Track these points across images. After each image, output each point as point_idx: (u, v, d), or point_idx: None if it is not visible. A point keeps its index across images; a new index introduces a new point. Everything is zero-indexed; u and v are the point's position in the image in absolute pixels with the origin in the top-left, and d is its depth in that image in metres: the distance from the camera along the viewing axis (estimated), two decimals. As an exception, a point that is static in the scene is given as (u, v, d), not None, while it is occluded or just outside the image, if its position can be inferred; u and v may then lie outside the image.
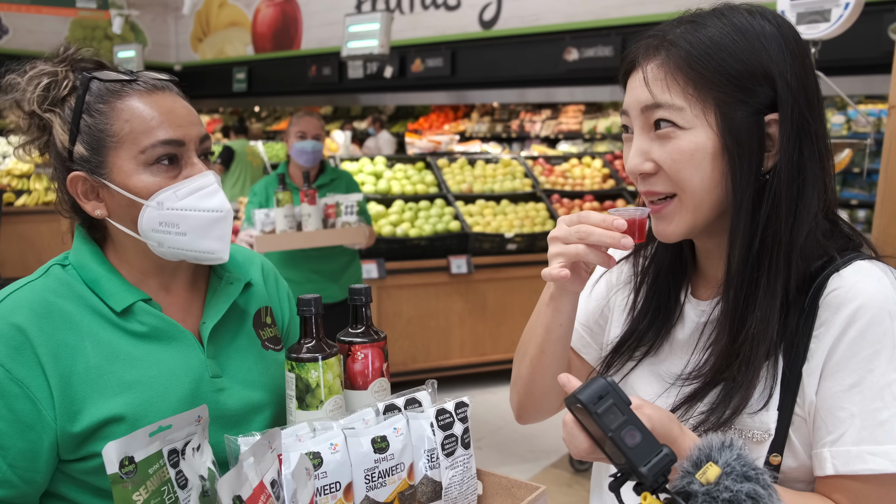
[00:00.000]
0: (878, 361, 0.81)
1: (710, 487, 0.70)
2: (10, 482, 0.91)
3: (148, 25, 11.80)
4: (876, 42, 4.78)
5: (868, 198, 5.69)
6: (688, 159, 0.86)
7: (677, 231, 0.90)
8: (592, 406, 0.73)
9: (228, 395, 1.04)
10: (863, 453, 0.80)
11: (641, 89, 0.88)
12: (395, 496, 0.96)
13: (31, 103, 0.99)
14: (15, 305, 0.94)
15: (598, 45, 7.06)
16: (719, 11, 0.88)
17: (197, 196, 0.98)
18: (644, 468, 0.71)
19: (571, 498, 3.33)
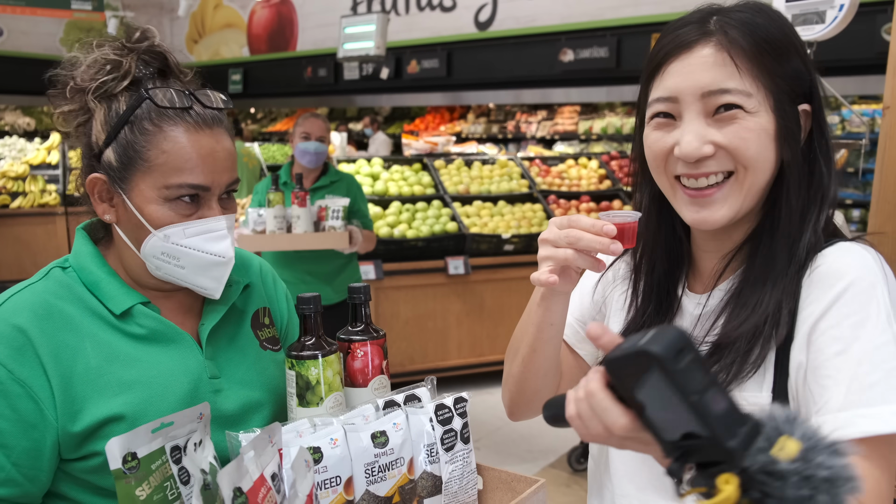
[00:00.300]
0: (864, 329, 0.82)
1: (799, 465, 0.56)
2: (15, 480, 0.92)
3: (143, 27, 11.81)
4: (869, 43, 4.81)
5: (862, 197, 5.72)
6: (755, 138, 0.87)
7: (726, 215, 0.90)
8: (671, 362, 0.56)
9: (226, 396, 1.06)
10: (852, 417, 0.80)
11: (703, 72, 0.86)
12: (396, 490, 0.97)
13: (85, 88, 0.98)
14: (16, 307, 0.96)
15: (594, 46, 7.08)
16: (754, 5, 0.91)
17: (204, 238, 0.99)
18: (733, 442, 0.56)
19: (570, 498, 3.34)
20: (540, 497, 1.04)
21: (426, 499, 1.01)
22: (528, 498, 1.02)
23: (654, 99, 0.91)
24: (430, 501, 1.01)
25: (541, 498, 1.04)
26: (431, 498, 1.01)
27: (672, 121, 0.90)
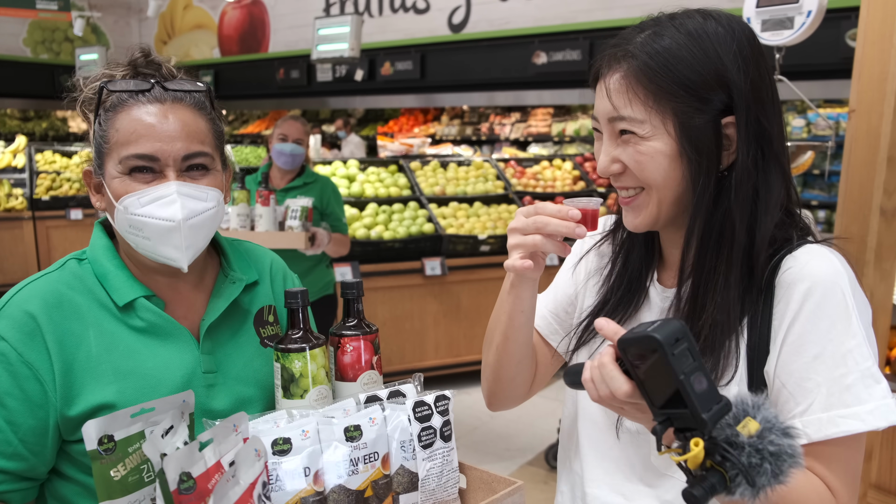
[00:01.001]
0: (836, 331, 0.87)
1: (754, 440, 0.72)
2: (22, 455, 0.99)
3: (110, 27, 11.62)
4: (834, 48, 4.95)
5: (827, 198, 5.86)
6: (648, 160, 0.92)
7: (644, 222, 0.97)
8: (670, 346, 0.71)
9: (219, 391, 1.09)
10: (834, 417, 0.86)
11: (605, 101, 0.94)
12: (369, 484, 0.97)
13: (80, 104, 1.08)
14: (30, 295, 1.02)
15: (567, 48, 7.16)
16: (677, 19, 0.93)
17: (156, 205, 1.01)
18: (706, 415, 0.71)
19: (548, 495, 3.39)
20: (516, 499, 1.05)
21: (402, 494, 1.01)
22: (503, 499, 1.03)
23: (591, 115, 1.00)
24: (407, 497, 1.02)
25: (517, 500, 1.05)
26: (408, 494, 1.02)
27: (601, 136, 0.99)
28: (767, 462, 0.72)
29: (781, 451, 0.73)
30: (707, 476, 0.73)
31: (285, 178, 3.59)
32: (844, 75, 4.97)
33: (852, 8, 4.81)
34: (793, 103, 6.09)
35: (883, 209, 1.69)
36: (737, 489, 0.73)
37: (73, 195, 7.06)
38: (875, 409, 0.85)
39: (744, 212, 0.92)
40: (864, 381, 0.86)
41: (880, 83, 1.67)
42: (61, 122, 11.25)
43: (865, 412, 0.85)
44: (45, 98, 10.96)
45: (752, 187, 0.92)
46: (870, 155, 1.68)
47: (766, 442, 0.73)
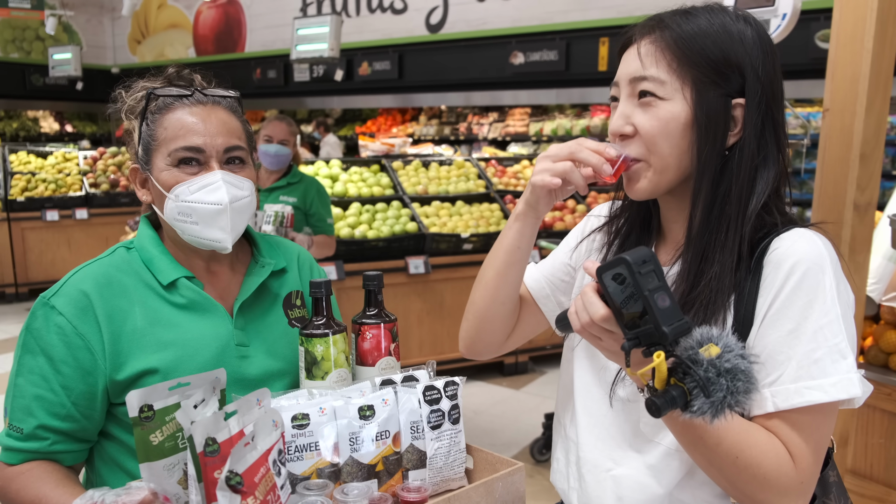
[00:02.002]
0: (812, 310, 0.93)
1: (713, 359, 0.80)
2: (74, 417, 1.13)
3: (83, 26, 11.48)
4: (804, 49, 5.08)
5: (799, 196, 6.01)
6: (662, 127, 0.99)
7: (644, 189, 1.03)
8: (637, 266, 0.80)
9: (250, 362, 1.22)
10: (800, 388, 0.92)
11: (634, 62, 1.00)
12: (380, 459, 1.06)
13: (124, 113, 1.23)
14: (84, 276, 1.17)
15: (544, 49, 7.24)
16: (711, 8, 1.02)
17: (204, 191, 1.15)
18: (667, 328, 0.79)
19: (533, 488, 3.45)
20: (516, 479, 1.12)
21: (411, 471, 1.09)
22: (504, 477, 1.10)
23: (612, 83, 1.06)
24: (416, 474, 1.10)
25: (517, 479, 1.12)
26: (417, 471, 1.10)
27: (618, 104, 1.04)
28: (723, 378, 0.79)
29: (736, 368, 0.80)
30: (669, 390, 0.80)
31: (271, 177, 3.61)
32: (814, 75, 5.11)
33: (821, 10, 4.95)
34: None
35: (856, 204, 1.77)
36: (695, 402, 0.80)
37: (50, 196, 6.97)
38: (838, 382, 0.91)
39: (742, 190, 0.99)
40: (832, 356, 0.92)
41: (853, 83, 1.75)
42: (32, 122, 11.08)
43: (829, 384, 0.91)
44: (16, 98, 10.78)
45: (752, 168, 0.99)
46: (843, 152, 1.76)
47: (722, 360, 0.80)
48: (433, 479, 1.11)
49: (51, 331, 1.12)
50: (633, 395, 1.06)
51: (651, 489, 1.04)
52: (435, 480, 1.12)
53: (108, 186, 7.18)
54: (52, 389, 1.11)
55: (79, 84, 9.49)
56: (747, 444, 0.91)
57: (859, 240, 1.81)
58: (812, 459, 0.93)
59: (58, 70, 9.39)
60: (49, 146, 7.78)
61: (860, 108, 1.74)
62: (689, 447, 0.95)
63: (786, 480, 0.92)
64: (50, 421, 1.11)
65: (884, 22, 1.70)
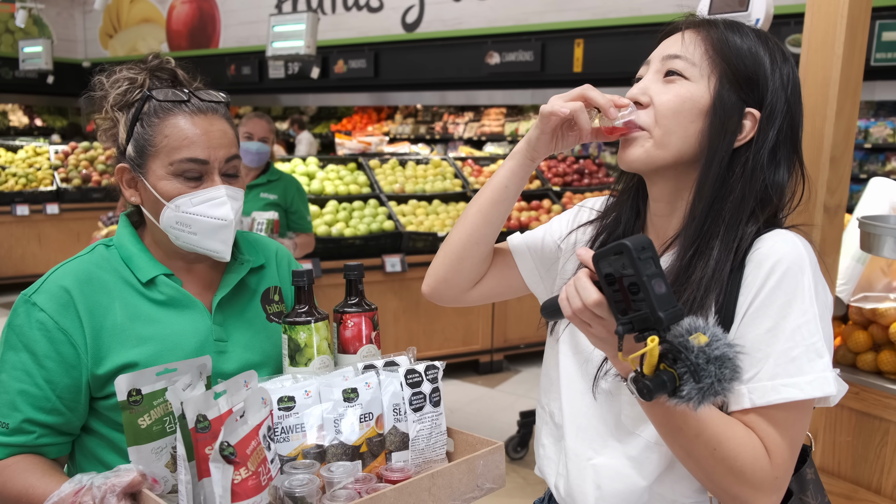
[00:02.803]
0: (791, 309, 0.96)
1: (704, 346, 0.82)
2: (59, 410, 1.14)
3: (53, 20, 11.29)
4: (775, 53, 5.17)
5: (769, 197, 6.11)
6: (678, 103, 1.02)
7: (639, 157, 1.05)
8: (636, 252, 0.81)
9: (228, 357, 1.23)
10: (777, 385, 0.95)
11: (675, 44, 1.05)
12: (364, 441, 1.08)
13: (109, 102, 1.20)
14: (65, 273, 1.17)
15: (519, 49, 7.28)
16: (765, 37, 1.05)
17: (208, 205, 1.17)
18: (662, 313, 0.81)
19: (508, 485, 3.47)
20: (496, 458, 1.16)
21: (394, 452, 1.12)
22: (484, 455, 1.13)
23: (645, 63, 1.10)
24: (399, 455, 1.13)
25: (497, 458, 1.16)
26: (399, 452, 1.12)
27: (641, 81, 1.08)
28: (712, 365, 0.82)
29: (724, 356, 0.82)
30: (660, 375, 0.82)
31: (250, 174, 3.60)
32: (785, 79, 5.21)
33: (792, 14, 5.05)
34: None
35: (826, 206, 1.81)
36: (685, 387, 0.82)
37: (20, 191, 6.84)
38: (814, 381, 0.94)
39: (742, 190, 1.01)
40: (808, 354, 0.95)
41: (823, 88, 1.80)
42: (1, 115, 10.87)
43: (805, 382, 0.94)
44: (-17, 91, 10.59)
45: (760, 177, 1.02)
46: (814, 155, 1.81)
47: (711, 348, 0.82)
48: (416, 461, 1.14)
49: (33, 327, 1.13)
50: (616, 388, 1.08)
51: (630, 479, 1.07)
52: (417, 461, 1.14)
53: (79, 181, 7.07)
54: (36, 384, 1.12)
55: (49, 78, 9.34)
56: (725, 436, 0.94)
57: (829, 241, 1.85)
58: (787, 455, 0.96)
59: (28, 63, 9.22)
60: (19, 140, 7.63)
61: (830, 113, 1.78)
62: (669, 437, 0.97)
63: (761, 475, 0.94)
64: (35, 415, 1.12)
65: (854, 28, 1.74)
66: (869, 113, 6.36)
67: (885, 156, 6.13)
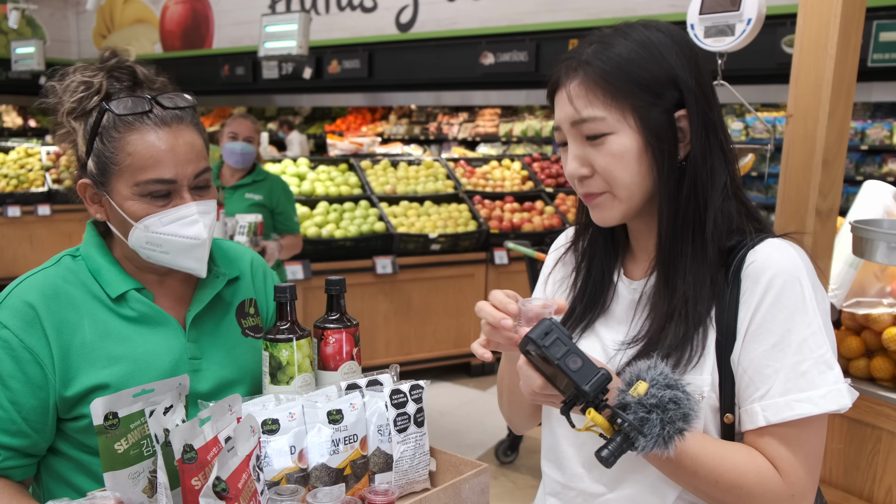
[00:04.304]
0: (794, 321, 0.94)
1: (641, 398, 0.83)
2: (25, 433, 1.08)
3: (46, 20, 11.23)
4: (770, 54, 5.15)
5: (765, 200, 6.10)
6: (618, 161, 0.98)
7: (613, 217, 1.03)
8: (540, 340, 0.85)
9: (203, 375, 1.18)
10: (790, 402, 0.93)
11: (567, 107, 1.00)
12: (348, 463, 1.06)
13: (63, 111, 1.12)
14: (29, 287, 1.11)
15: (514, 49, 7.25)
16: (622, 30, 1.01)
17: (178, 224, 1.10)
18: (586, 386, 0.83)
19: (497, 489, 3.44)
20: (482, 480, 1.13)
21: (378, 474, 1.09)
22: (470, 479, 1.11)
23: (553, 127, 1.04)
24: (382, 477, 1.10)
25: (482, 481, 1.13)
26: (383, 473, 1.10)
27: (566, 148, 1.03)
28: (654, 413, 0.83)
29: (662, 401, 0.83)
30: (613, 438, 0.84)
31: (235, 175, 3.56)
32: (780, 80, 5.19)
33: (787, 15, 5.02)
34: (731, 107, 6.31)
35: (819, 210, 1.78)
36: (637, 442, 0.83)
37: (11, 192, 6.81)
38: (827, 394, 0.92)
39: (700, 196, 0.99)
40: (818, 367, 0.93)
41: (816, 89, 1.77)
42: (-7, 116, 10.82)
43: (818, 396, 0.92)
44: (-24, 92, 10.52)
45: (707, 172, 1.00)
46: (806, 158, 1.77)
47: (648, 396, 0.83)
48: (399, 482, 1.11)
49: None
50: None
51: None
52: (401, 483, 1.12)
53: (71, 183, 7.02)
54: (0, 405, 1.06)
55: (42, 78, 9.27)
56: (724, 468, 0.93)
57: (821, 245, 1.82)
58: (803, 472, 0.94)
59: (20, 64, 9.18)
60: (11, 141, 7.60)
61: (823, 114, 1.75)
62: (671, 477, 0.97)
63: (772, 497, 0.93)
64: (0, 437, 1.07)
65: (847, 28, 1.71)
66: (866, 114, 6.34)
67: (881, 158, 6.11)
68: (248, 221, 3.17)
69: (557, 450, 1.13)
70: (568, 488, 1.11)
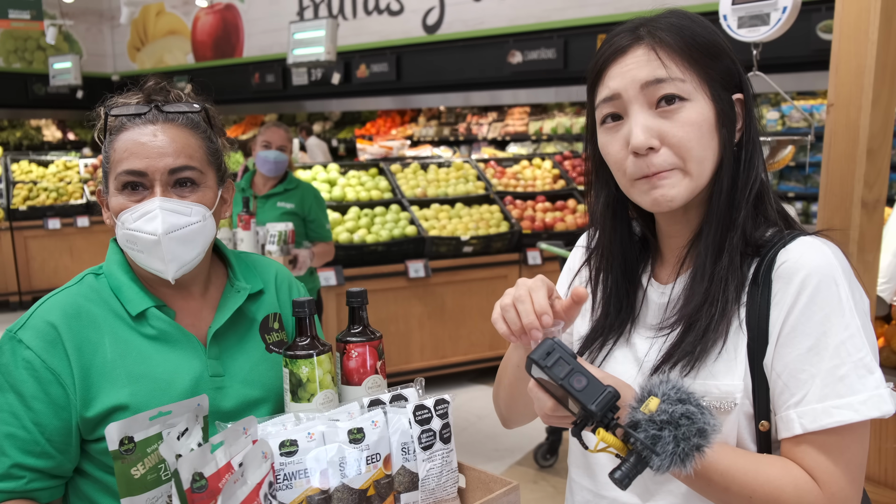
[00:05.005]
0: (831, 323, 0.88)
1: (652, 415, 0.79)
2: (49, 454, 1.07)
3: (83, 35, 11.49)
4: (805, 41, 5.02)
5: (804, 190, 5.94)
6: (696, 131, 0.92)
7: (681, 196, 0.94)
8: (542, 361, 0.83)
9: (226, 393, 1.15)
10: (828, 408, 0.87)
11: (640, 68, 0.92)
12: (371, 483, 1.02)
13: (96, 133, 1.17)
14: (51, 307, 1.11)
15: (541, 47, 7.20)
16: (666, 14, 0.97)
17: (143, 220, 1.09)
18: (593, 405, 0.80)
19: (537, 494, 3.40)
20: (512, 498, 1.08)
21: (403, 494, 1.05)
22: (499, 498, 1.06)
23: (600, 101, 0.97)
24: (407, 496, 1.06)
25: (513, 499, 1.09)
26: (408, 493, 1.06)
27: (620, 122, 0.95)
28: (666, 429, 0.78)
29: (673, 416, 0.78)
30: (627, 458, 0.80)
31: (268, 184, 3.59)
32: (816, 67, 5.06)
33: (823, 0, 4.89)
34: (766, 96, 6.17)
35: (864, 201, 1.71)
36: (652, 462, 0.78)
37: (51, 205, 6.98)
38: (868, 400, 0.87)
39: (747, 184, 0.95)
40: (858, 371, 0.87)
41: (857, 77, 1.70)
42: (35, 130, 11.10)
43: (859, 402, 0.87)
44: (18, 107, 10.79)
45: (756, 159, 0.97)
46: (849, 148, 1.71)
47: (659, 412, 0.78)
48: (426, 501, 1.08)
49: (19, 366, 1.06)
50: None
51: None
52: (428, 502, 1.08)
53: (104, 195, 7.18)
54: (24, 427, 1.06)
55: (79, 92, 9.49)
56: (757, 482, 0.88)
57: (868, 238, 1.75)
58: (845, 482, 0.88)
59: (58, 79, 9.40)
60: (51, 154, 7.80)
61: (866, 102, 1.68)
62: (703, 494, 0.92)
63: None
64: (24, 459, 1.06)
65: (889, 12, 1.64)
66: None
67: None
68: (278, 230, 3.18)
69: (588, 456, 1.09)
70: (599, 497, 1.06)
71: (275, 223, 3.24)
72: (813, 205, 5.84)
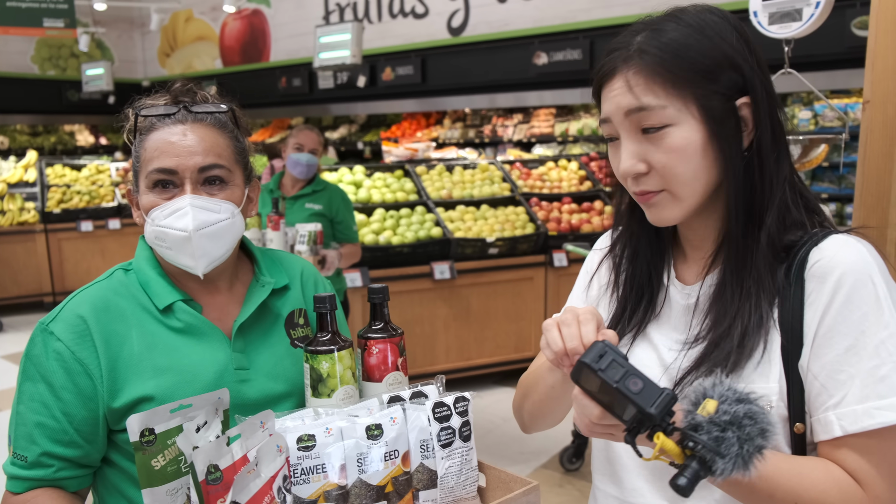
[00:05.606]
0: (868, 322, 0.86)
1: (713, 416, 0.76)
2: (78, 444, 1.10)
3: (114, 42, 11.68)
4: (839, 38, 4.91)
5: (837, 191, 5.82)
6: (680, 156, 0.91)
7: (673, 217, 0.96)
8: (595, 364, 0.80)
9: (250, 386, 1.18)
10: (869, 409, 0.85)
11: (623, 96, 0.92)
12: (389, 480, 1.02)
13: (126, 134, 1.21)
14: (82, 301, 1.14)
15: (567, 48, 7.14)
16: (674, 15, 0.94)
17: (174, 217, 1.11)
18: (651, 408, 0.77)
19: (563, 497, 3.36)
20: (532, 499, 1.08)
21: (422, 491, 1.06)
22: (518, 497, 1.06)
23: (600, 120, 0.98)
24: (426, 494, 1.06)
25: (532, 499, 1.08)
26: (427, 490, 1.06)
27: (618, 141, 0.96)
28: (730, 430, 0.75)
29: (736, 417, 0.75)
30: (688, 464, 0.77)
31: (296, 185, 3.62)
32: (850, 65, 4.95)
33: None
34: (798, 95, 6.06)
35: (901, 200, 1.66)
36: (716, 466, 0.75)
37: (84, 207, 7.13)
38: None
39: (766, 187, 0.93)
40: None
41: (894, 73, 1.65)
42: (69, 136, 11.32)
43: None
44: (53, 113, 11.02)
45: (772, 162, 0.94)
46: (886, 146, 1.66)
47: (720, 413, 0.76)
48: (444, 499, 1.07)
49: (50, 357, 1.10)
50: None
51: None
52: (447, 500, 1.08)
53: (134, 197, 7.30)
54: (53, 416, 1.09)
55: (111, 98, 9.66)
56: (802, 487, 0.85)
57: (906, 238, 1.70)
58: (886, 486, 0.86)
59: (91, 85, 9.57)
60: (84, 158, 7.98)
61: (903, 99, 1.63)
62: (745, 501, 0.90)
63: None
64: (53, 448, 1.09)
65: (926, 5, 1.59)
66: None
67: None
68: (307, 231, 3.21)
69: (613, 461, 1.07)
70: None
71: (304, 224, 3.27)
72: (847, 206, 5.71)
